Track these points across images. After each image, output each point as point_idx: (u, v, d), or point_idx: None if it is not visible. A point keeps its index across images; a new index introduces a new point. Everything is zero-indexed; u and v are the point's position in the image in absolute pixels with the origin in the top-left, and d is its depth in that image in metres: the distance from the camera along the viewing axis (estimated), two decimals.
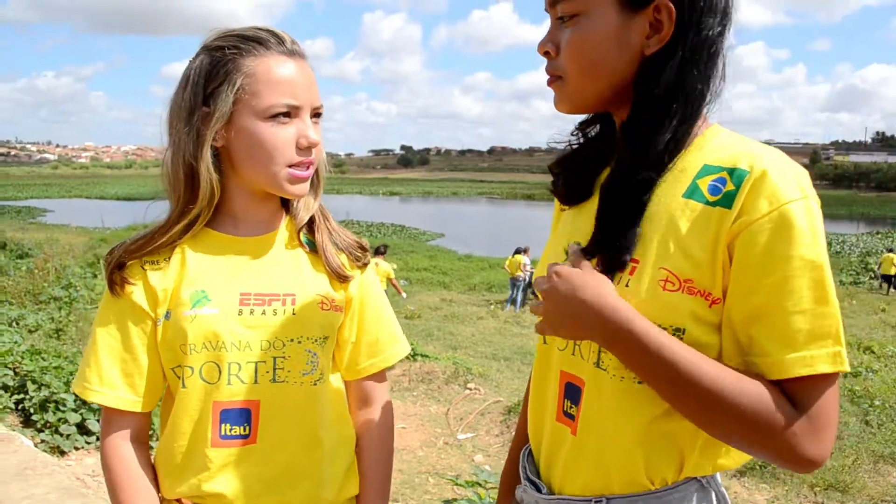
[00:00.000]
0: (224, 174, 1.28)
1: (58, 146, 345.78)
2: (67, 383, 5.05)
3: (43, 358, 5.65)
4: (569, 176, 1.25)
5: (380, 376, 1.47)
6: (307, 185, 1.30)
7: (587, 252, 1.09)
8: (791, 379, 0.94)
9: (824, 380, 0.94)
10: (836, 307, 0.96)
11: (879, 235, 44.15)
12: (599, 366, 1.09)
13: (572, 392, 1.14)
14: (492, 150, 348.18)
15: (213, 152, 1.25)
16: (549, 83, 1.14)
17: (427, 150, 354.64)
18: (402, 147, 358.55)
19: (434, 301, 16.03)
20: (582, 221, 1.17)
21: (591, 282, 1.01)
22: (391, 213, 58.66)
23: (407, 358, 8.68)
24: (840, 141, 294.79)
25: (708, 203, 1.01)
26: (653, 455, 1.06)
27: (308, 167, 1.27)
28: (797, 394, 0.94)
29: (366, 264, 1.44)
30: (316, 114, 1.29)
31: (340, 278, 1.37)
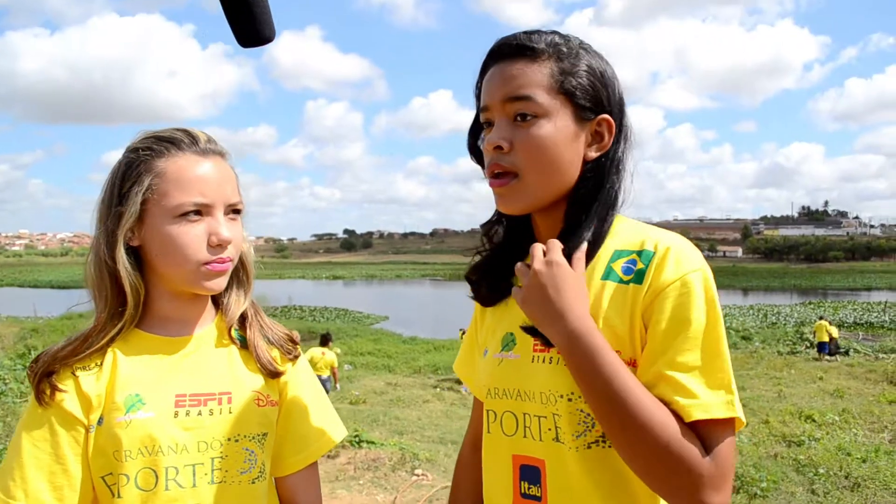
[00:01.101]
0: (145, 274, 1.28)
1: None
2: None
3: None
4: (490, 279, 1.34)
5: (308, 471, 1.42)
6: (223, 280, 1.29)
7: (528, 331, 1.19)
8: (694, 423, 1.04)
9: (723, 427, 1.05)
10: (727, 362, 1.09)
11: (812, 305, 45.69)
12: (559, 439, 1.15)
13: (529, 473, 1.20)
14: (434, 233, 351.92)
15: (130, 251, 1.25)
16: (500, 183, 1.20)
17: (370, 234, 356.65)
18: (345, 231, 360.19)
19: (379, 385, 15.79)
20: (517, 313, 1.24)
21: (573, 284, 1.12)
22: (335, 297, 58.40)
23: (352, 445, 8.50)
24: (769, 216, 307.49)
25: (622, 282, 1.16)
26: None
27: (222, 263, 1.26)
28: (701, 438, 1.04)
29: (296, 357, 1.43)
30: (233, 210, 1.29)
31: (272, 375, 1.36)
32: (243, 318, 1.37)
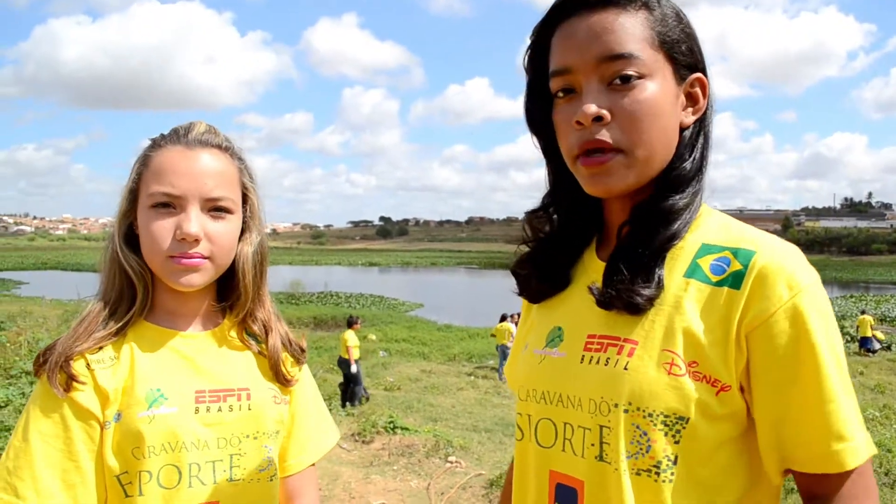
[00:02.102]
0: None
1: (35, 218, 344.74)
2: None
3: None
4: (543, 271, 1.16)
5: (308, 472, 1.43)
6: (195, 277, 1.23)
7: (603, 304, 1.01)
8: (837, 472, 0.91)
9: (866, 466, 0.92)
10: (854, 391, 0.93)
11: (853, 299, 44.61)
12: (603, 459, 0.97)
13: (565, 495, 1.01)
14: (470, 221, 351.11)
15: (136, 238, 1.27)
16: (598, 161, 0.98)
17: (406, 221, 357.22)
18: (381, 218, 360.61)
19: (414, 372, 15.86)
20: (570, 307, 1.11)
21: None
22: (370, 284, 58.63)
23: (386, 431, 8.55)
24: (810, 207, 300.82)
25: (712, 283, 0.96)
26: None
27: (189, 259, 1.21)
28: (843, 484, 0.92)
29: (303, 363, 1.45)
30: (216, 207, 1.25)
31: (286, 383, 1.36)
32: (265, 327, 1.37)
